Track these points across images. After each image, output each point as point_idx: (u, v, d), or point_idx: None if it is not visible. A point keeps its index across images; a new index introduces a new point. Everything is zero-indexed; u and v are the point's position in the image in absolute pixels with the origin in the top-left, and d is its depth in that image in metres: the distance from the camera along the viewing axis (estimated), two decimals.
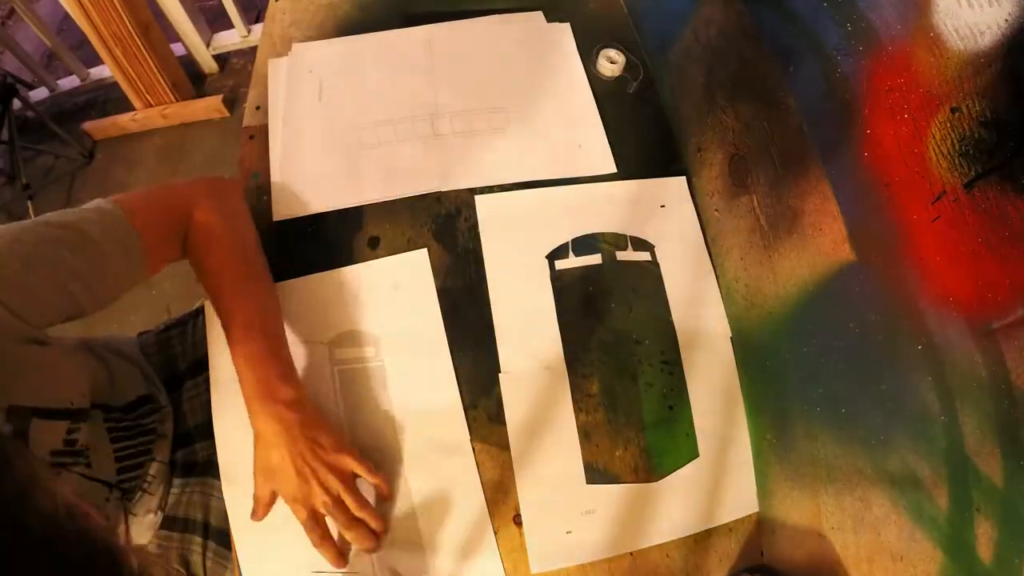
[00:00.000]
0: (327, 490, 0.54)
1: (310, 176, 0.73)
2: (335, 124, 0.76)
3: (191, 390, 0.71)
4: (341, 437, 0.57)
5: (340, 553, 0.55)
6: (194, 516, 0.66)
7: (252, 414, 0.54)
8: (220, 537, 0.65)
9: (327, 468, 0.54)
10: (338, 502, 0.54)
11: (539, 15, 0.86)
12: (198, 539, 0.66)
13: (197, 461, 0.68)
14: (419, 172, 0.73)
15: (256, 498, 0.55)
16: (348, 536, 0.55)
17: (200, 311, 0.74)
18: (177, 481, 0.67)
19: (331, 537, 0.55)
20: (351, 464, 0.56)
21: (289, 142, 0.75)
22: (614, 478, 0.60)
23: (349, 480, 0.56)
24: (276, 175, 0.73)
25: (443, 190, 0.72)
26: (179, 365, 0.73)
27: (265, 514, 0.55)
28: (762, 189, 0.59)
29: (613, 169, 0.74)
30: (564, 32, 0.84)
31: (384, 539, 0.57)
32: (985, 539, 0.37)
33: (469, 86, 0.79)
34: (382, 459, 0.61)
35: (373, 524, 0.56)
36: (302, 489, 0.53)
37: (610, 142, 0.76)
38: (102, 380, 0.60)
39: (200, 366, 0.69)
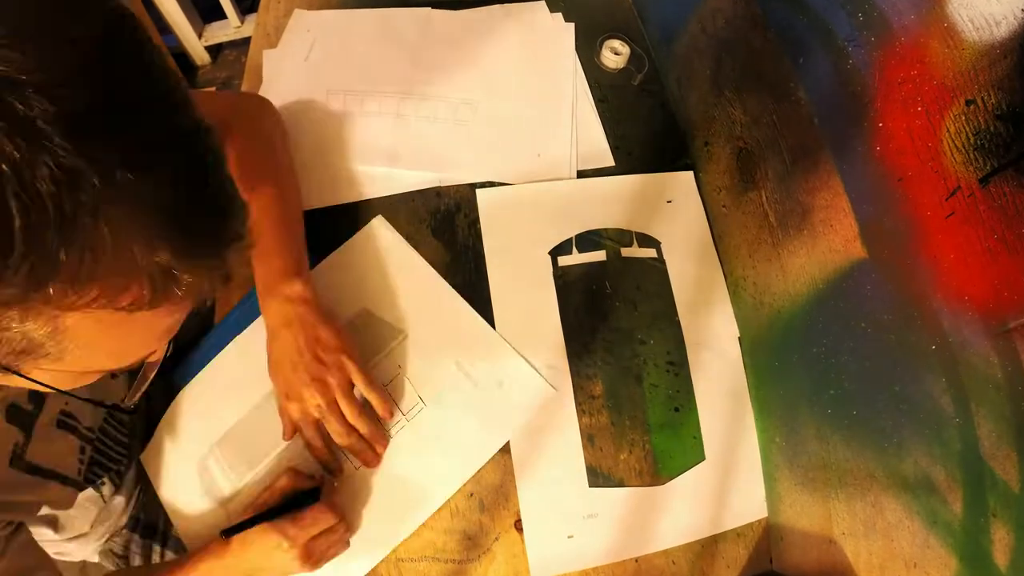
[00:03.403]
0: (323, 391, 0.52)
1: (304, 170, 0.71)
2: (312, 86, 0.76)
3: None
4: (343, 335, 0.55)
5: (333, 458, 0.54)
6: (155, 521, 0.66)
7: (263, 309, 0.55)
8: (177, 544, 0.64)
9: (324, 366, 0.52)
10: (332, 406, 0.53)
11: (542, 5, 0.84)
12: (157, 547, 0.65)
13: None
14: (377, 152, 0.72)
15: (279, 410, 0.54)
16: (342, 446, 0.54)
17: None
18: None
19: (321, 440, 0.54)
20: (350, 367, 0.54)
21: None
22: (618, 482, 0.59)
23: (346, 385, 0.53)
24: None
25: (442, 185, 0.71)
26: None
27: (290, 432, 0.54)
28: (771, 184, 0.58)
29: (611, 163, 0.73)
30: (566, 23, 0.83)
31: (382, 452, 0.56)
32: (1001, 545, 0.36)
33: (455, 72, 0.78)
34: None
35: (365, 431, 0.54)
36: (295, 386, 0.52)
37: (614, 136, 0.75)
38: None
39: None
